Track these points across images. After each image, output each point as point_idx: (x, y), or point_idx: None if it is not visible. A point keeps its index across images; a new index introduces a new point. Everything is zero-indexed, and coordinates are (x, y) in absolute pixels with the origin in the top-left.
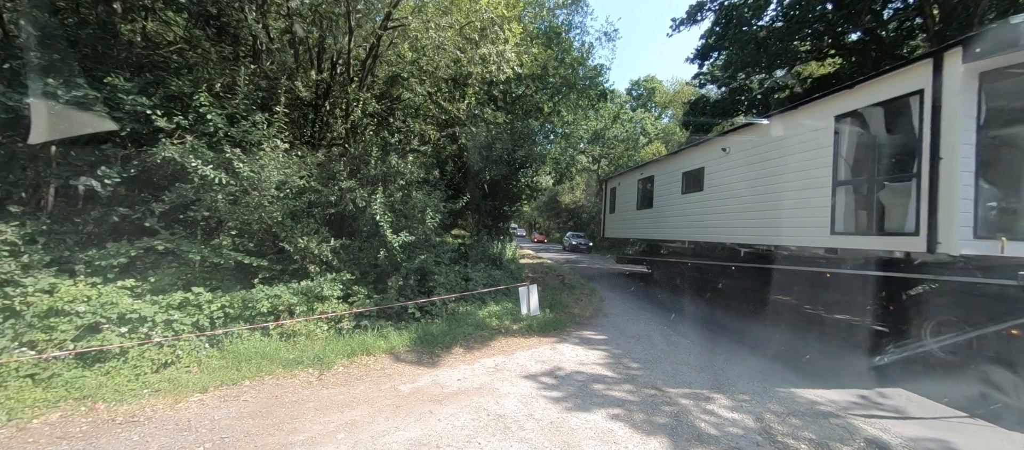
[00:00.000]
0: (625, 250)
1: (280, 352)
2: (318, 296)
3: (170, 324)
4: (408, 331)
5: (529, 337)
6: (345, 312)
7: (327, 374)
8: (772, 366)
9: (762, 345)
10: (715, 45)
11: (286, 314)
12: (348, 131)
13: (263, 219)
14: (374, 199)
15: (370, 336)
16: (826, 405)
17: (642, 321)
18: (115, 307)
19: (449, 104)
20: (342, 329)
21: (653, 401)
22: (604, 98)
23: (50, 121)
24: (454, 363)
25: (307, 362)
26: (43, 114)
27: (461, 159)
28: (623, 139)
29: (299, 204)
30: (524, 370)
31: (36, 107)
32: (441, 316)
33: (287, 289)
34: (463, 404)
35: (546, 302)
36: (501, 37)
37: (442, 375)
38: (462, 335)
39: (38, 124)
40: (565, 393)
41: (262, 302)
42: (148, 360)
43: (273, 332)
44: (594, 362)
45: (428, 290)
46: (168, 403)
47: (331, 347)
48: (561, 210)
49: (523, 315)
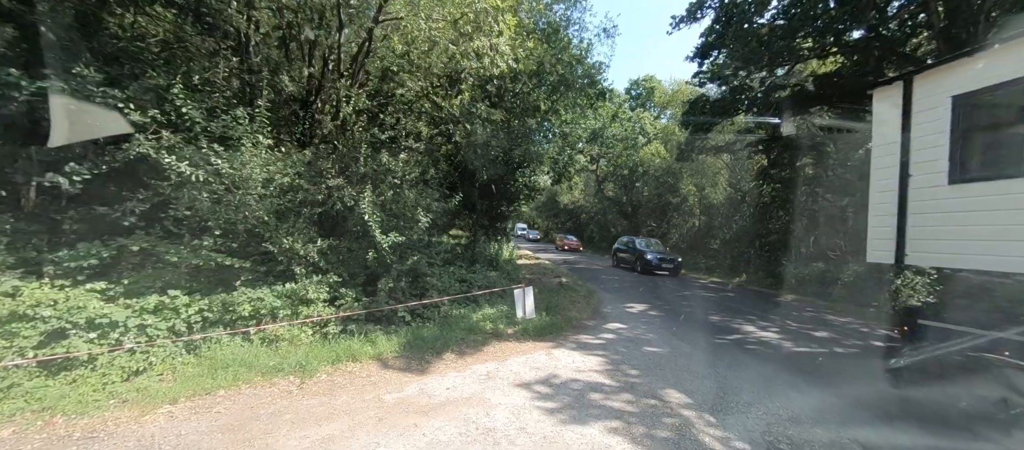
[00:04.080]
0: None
1: (260, 359)
2: (303, 299)
3: (144, 329)
4: (398, 336)
5: (524, 342)
6: (331, 316)
7: (309, 382)
8: (776, 372)
9: (764, 349)
10: (715, 43)
11: (268, 318)
12: (338, 128)
13: (247, 219)
14: (362, 197)
15: (357, 341)
16: (835, 416)
17: (642, 324)
18: (83, 311)
19: (443, 100)
20: (328, 334)
21: (654, 412)
22: (603, 97)
23: (70, 124)
24: (445, 370)
25: (288, 369)
26: (62, 116)
27: (457, 158)
28: (622, 138)
29: (284, 203)
30: (518, 378)
31: (55, 108)
32: (434, 320)
33: (270, 292)
34: (451, 416)
35: (543, 304)
36: (495, 29)
37: (431, 383)
38: (455, 340)
39: (58, 127)
40: (560, 403)
41: (243, 305)
42: (118, 368)
43: (254, 337)
44: (592, 369)
45: (420, 292)
46: (133, 415)
47: (315, 353)
48: (560, 210)
49: (519, 318)
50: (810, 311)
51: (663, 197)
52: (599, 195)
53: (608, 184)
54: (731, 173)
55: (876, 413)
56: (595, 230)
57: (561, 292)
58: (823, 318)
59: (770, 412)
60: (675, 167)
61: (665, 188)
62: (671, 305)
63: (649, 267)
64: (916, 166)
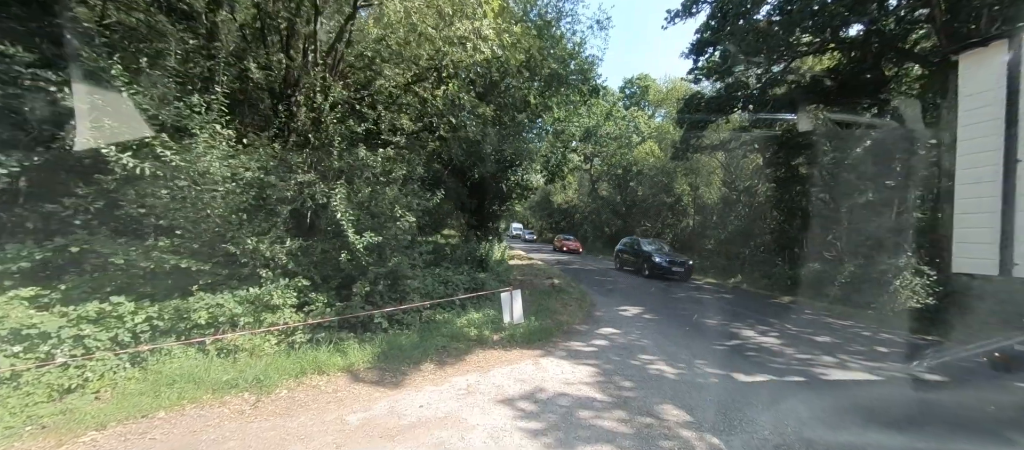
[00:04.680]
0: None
1: (213, 373)
2: (267, 305)
3: (81, 340)
4: (372, 344)
5: (511, 350)
6: (299, 324)
7: (266, 400)
8: (782, 380)
9: (765, 356)
10: (711, 39)
11: (228, 326)
12: (313, 121)
13: (210, 217)
14: (334, 194)
15: (325, 351)
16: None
17: (636, 329)
18: (5, 321)
19: (426, 92)
20: (295, 343)
21: (650, 433)
22: (596, 93)
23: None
24: (420, 383)
25: (244, 385)
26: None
27: (444, 155)
28: (616, 137)
29: (249, 200)
30: (500, 392)
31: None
32: (414, 326)
33: (232, 297)
34: (421, 441)
35: (532, 308)
36: (478, 12)
37: (402, 400)
38: (435, 348)
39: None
40: (545, 424)
41: (199, 312)
42: (46, 386)
43: (211, 348)
44: (582, 381)
45: (401, 296)
46: (49, 445)
47: (277, 365)
48: (553, 210)
49: (505, 324)
50: (809, 313)
51: (657, 197)
52: (593, 195)
53: (602, 183)
54: (726, 172)
55: (898, 419)
56: (589, 230)
57: (553, 294)
58: (823, 321)
59: (780, 428)
60: (669, 166)
61: (659, 187)
62: (666, 308)
63: (659, 271)
64: None
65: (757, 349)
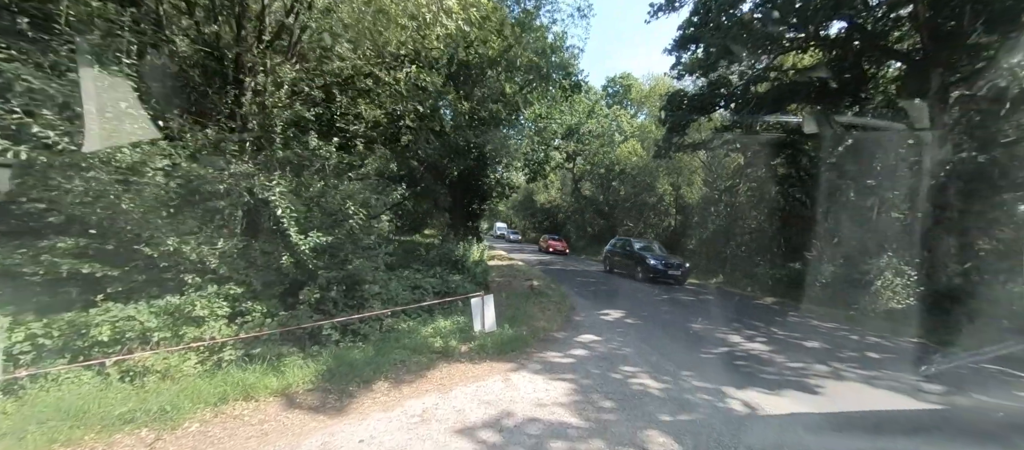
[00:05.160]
0: None
1: (106, 403)
2: (189, 317)
3: None
4: (318, 361)
5: (479, 363)
6: (228, 338)
7: (169, 437)
8: (777, 392)
9: (756, 366)
10: (694, 35)
11: (138, 343)
12: (259, 105)
13: (127, 213)
14: (272, 186)
15: (257, 371)
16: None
17: (618, 335)
18: None
19: (387, 75)
20: (223, 362)
21: None
22: (578, 88)
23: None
24: (369, 408)
25: (144, 418)
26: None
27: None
28: (598, 135)
29: (168, 194)
30: (460, 419)
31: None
32: (372, 337)
33: (146, 308)
34: None
35: (507, 314)
36: None
37: (342, 433)
38: (391, 363)
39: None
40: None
41: (102, 327)
42: None
43: (112, 371)
44: (556, 401)
45: (359, 303)
46: None
47: (194, 390)
48: (536, 209)
49: (476, 333)
50: (793, 316)
51: (640, 196)
52: (576, 194)
53: (585, 183)
54: (707, 171)
55: (905, 426)
56: (572, 229)
57: (531, 298)
58: (808, 324)
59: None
60: (652, 165)
61: (642, 187)
62: (648, 311)
63: (654, 274)
64: None
65: (746, 357)
